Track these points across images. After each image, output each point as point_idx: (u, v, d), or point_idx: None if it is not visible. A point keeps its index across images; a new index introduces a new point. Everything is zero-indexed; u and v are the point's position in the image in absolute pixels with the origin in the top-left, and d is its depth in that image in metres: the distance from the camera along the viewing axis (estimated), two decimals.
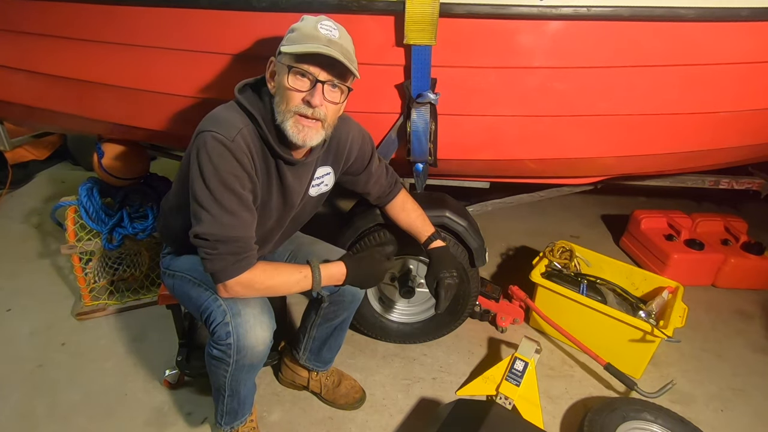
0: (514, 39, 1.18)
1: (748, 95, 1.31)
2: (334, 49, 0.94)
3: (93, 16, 1.23)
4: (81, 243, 1.74)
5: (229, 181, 0.97)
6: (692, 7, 1.11)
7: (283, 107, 0.99)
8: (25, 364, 1.62)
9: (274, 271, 1.08)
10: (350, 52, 1.00)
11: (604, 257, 2.00)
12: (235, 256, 1.00)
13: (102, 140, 1.77)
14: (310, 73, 0.96)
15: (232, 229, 0.99)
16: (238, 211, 1.00)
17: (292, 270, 1.10)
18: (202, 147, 0.97)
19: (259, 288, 1.06)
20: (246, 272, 1.02)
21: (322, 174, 1.22)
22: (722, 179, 1.91)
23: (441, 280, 1.29)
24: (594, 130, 1.39)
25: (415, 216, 1.38)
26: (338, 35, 0.98)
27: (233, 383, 1.16)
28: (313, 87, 0.97)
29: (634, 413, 1.41)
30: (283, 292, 1.14)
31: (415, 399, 1.56)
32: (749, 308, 2.13)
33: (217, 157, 0.96)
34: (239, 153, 0.98)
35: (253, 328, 1.06)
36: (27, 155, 3.08)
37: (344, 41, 0.99)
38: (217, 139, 0.96)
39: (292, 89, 0.97)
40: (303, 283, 1.10)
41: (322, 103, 0.98)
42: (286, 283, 1.10)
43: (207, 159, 0.97)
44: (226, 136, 0.97)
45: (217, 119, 1.00)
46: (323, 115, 1.00)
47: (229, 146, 0.97)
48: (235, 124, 1.00)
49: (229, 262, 1.00)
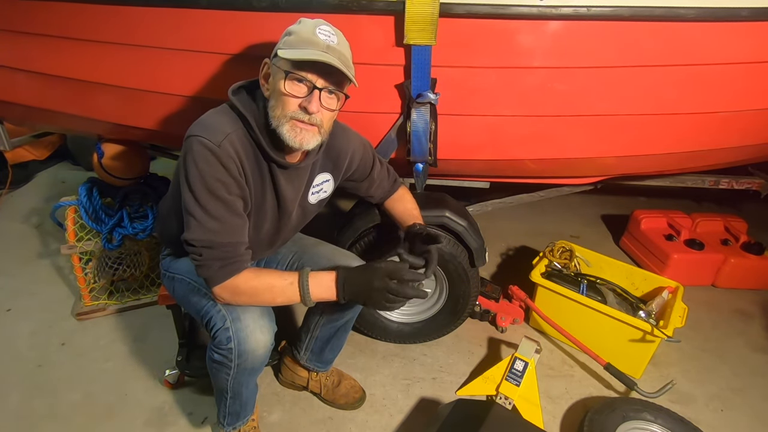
0: (514, 39, 1.18)
1: (748, 95, 1.31)
2: (332, 55, 0.94)
3: (93, 16, 1.23)
4: (81, 243, 1.74)
5: (214, 186, 0.97)
6: (692, 7, 1.11)
7: (279, 112, 0.98)
8: (25, 364, 1.62)
9: (258, 278, 1.02)
10: (348, 58, 0.99)
11: (604, 257, 2.00)
12: (221, 261, 0.99)
13: (102, 140, 1.77)
14: (307, 80, 0.95)
15: (217, 235, 0.98)
16: (224, 216, 0.99)
17: (277, 276, 1.04)
18: (189, 152, 0.97)
19: (244, 296, 1.02)
20: (231, 279, 1.00)
21: (321, 181, 1.22)
22: (722, 179, 1.91)
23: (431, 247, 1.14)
24: (594, 130, 1.39)
25: (411, 206, 1.37)
26: (336, 41, 0.97)
27: (235, 386, 1.16)
28: (310, 93, 0.96)
29: (634, 413, 1.41)
30: (269, 301, 1.04)
31: (415, 399, 1.56)
32: (749, 308, 2.13)
33: (203, 163, 0.96)
34: (225, 158, 0.97)
35: (254, 332, 1.06)
36: (27, 155, 3.08)
37: (342, 47, 0.98)
38: (203, 144, 0.95)
39: (288, 95, 0.96)
40: (289, 291, 1.02)
41: (319, 109, 0.97)
42: (270, 290, 1.02)
43: (193, 164, 0.96)
44: (213, 141, 0.96)
45: (204, 124, 0.99)
46: (319, 121, 0.99)
47: (216, 152, 0.96)
48: (222, 129, 0.98)
49: (214, 267, 0.99)
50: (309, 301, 1.03)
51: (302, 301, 1.03)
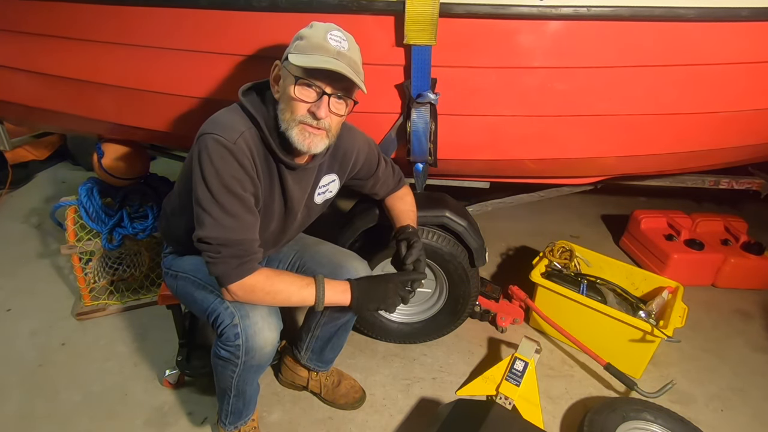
0: (514, 39, 1.18)
1: (748, 95, 1.31)
2: (342, 62, 0.94)
3: (93, 16, 1.23)
4: (81, 243, 1.74)
5: (230, 183, 0.97)
6: (692, 7, 1.11)
7: (288, 116, 0.99)
8: (25, 364, 1.62)
9: (277, 278, 1.06)
10: (358, 64, 1.00)
11: (604, 257, 2.00)
12: (238, 259, 1.00)
13: (102, 140, 1.77)
14: (317, 86, 0.96)
15: (234, 232, 0.99)
16: (240, 213, 1.00)
17: (294, 279, 1.08)
18: (204, 150, 0.97)
19: (259, 294, 1.04)
20: (248, 277, 1.01)
21: (327, 182, 1.23)
22: (722, 179, 1.91)
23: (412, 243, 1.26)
24: (594, 130, 1.39)
25: (408, 207, 1.38)
26: (347, 47, 0.97)
27: (240, 384, 1.16)
28: (320, 99, 0.97)
29: (634, 413, 1.41)
30: (284, 301, 1.07)
31: (415, 399, 1.56)
32: (749, 308, 2.13)
33: (219, 160, 0.96)
34: (241, 156, 0.98)
35: (262, 329, 1.06)
36: (27, 155, 3.08)
37: (353, 53, 0.99)
38: (218, 141, 0.96)
39: (297, 99, 0.97)
40: (305, 293, 1.06)
41: (328, 115, 0.98)
42: (286, 291, 1.06)
43: (209, 161, 0.97)
44: (228, 138, 0.97)
45: (219, 122, 1.01)
46: (327, 126, 1.00)
47: (231, 149, 0.97)
48: (237, 128, 1.00)
49: (231, 265, 1.00)
50: (321, 304, 1.08)
51: (316, 305, 1.07)
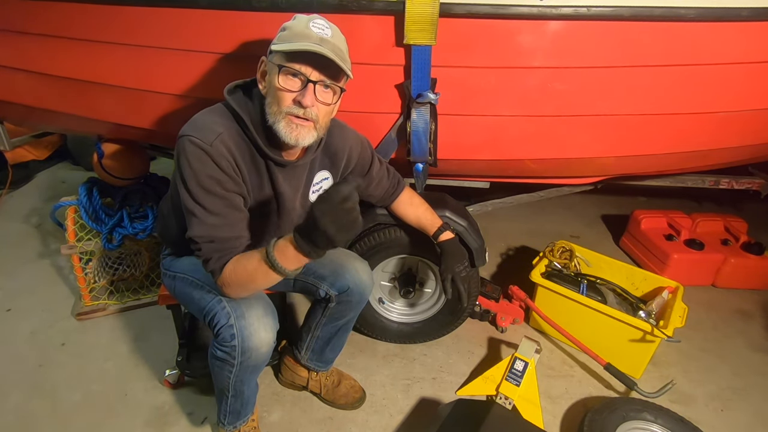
0: (514, 39, 1.18)
1: (748, 95, 1.31)
2: (326, 47, 0.93)
3: (93, 16, 1.23)
4: (81, 243, 1.74)
5: (208, 184, 0.97)
6: (692, 7, 1.11)
7: (275, 108, 0.98)
8: (25, 364, 1.62)
9: (237, 265, 0.99)
10: (343, 51, 0.98)
11: (604, 257, 2.00)
12: (218, 253, 1.00)
13: (102, 140, 1.77)
14: (301, 73, 0.95)
15: (218, 230, 0.99)
16: (223, 211, 1.00)
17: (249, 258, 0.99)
18: (182, 152, 0.97)
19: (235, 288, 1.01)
20: (222, 271, 1.00)
21: (320, 179, 1.23)
22: (722, 179, 1.91)
23: (456, 274, 1.34)
24: (594, 130, 1.39)
25: (423, 209, 1.41)
26: (331, 34, 0.96)
27: (237, 384, 1.16)
28: (305, 87, 0.96)
29: (634, 413, 1.41)
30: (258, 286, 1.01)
31: (415, 399, 1.56)
32: (749, 308, 2.13)
33: (196, 161, 0.96)
34: (218, 157, 0.97)
35: (258, 330, 1.06)
36: (27, 155, 3.08)
37: (337, 40, 0.97)
38: (194, 143, 0.96)
39: (282, 89, 0.96)
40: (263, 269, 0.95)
41: (314, 103, 0.97)
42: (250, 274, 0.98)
43: (186, 164, 0.97)
44: (204, 140, 0.96)
45: (195, 124, 1.00)
46: (315, 116, 0.98)
47: (207, 150, 0.96)
48: (214, 129, 0.99)
49: (214, 260, 1.00)
50: (285, 271, 0.94)
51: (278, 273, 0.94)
